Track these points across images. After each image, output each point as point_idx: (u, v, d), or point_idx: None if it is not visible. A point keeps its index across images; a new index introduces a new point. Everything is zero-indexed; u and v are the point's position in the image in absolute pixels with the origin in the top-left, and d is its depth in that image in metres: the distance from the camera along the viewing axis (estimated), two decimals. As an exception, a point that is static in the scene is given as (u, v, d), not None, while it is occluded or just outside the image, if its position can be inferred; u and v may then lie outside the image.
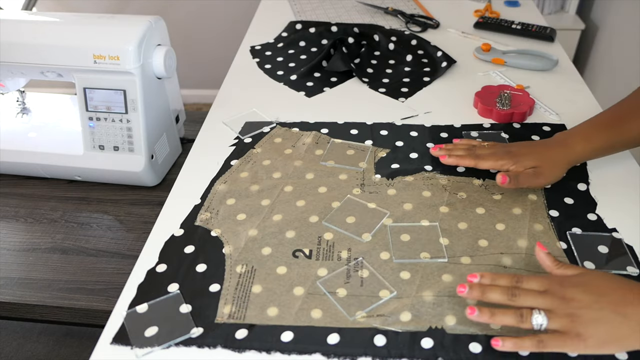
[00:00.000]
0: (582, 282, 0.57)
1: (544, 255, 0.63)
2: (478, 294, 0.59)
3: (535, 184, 0.76)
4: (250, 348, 0.60)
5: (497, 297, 0.58)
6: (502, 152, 0.79)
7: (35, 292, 0.85)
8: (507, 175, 0.75)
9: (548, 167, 0.76)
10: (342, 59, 1.10)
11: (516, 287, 0.58)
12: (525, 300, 0.57)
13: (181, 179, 0.85)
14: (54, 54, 0.94)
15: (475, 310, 0.57)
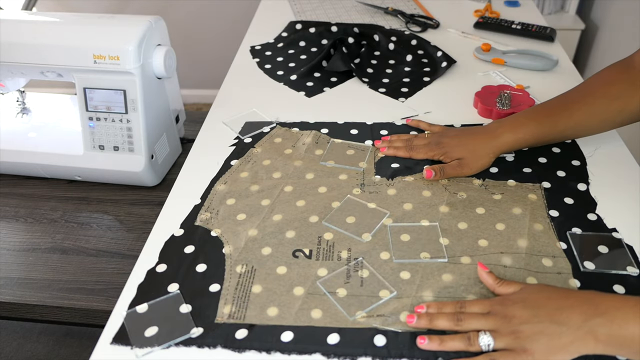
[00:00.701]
0: (521, 298, 0.59)
1: (485, 275, 0.64)
2: (426, 322, 0.60)
3: (462, 174, 0.80)
4: (250, 348, 0.60)
5: (444, 324, 0.59)
6: (433, 143, 0.83)
7: (35, 292, 0.85)
8: (432, 170, 0.80)
9: (473, 159, 0.80)
10: (342, 59, 1.10)
11: (461, 312, 0.60)
12: (470, 323, 0.58)
13: (181, 179, 0.85)
14: (54, 54, 0.94)
15: (425, 339, 0.58)
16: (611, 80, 0.80)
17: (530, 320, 0.56)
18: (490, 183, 0.80)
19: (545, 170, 0.82)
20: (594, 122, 0.80)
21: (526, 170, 0.82)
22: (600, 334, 0.54)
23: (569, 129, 0.81)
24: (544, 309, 0.57)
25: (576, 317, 0.55)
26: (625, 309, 0.54)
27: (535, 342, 0.55)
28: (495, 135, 0.81)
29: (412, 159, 0.85)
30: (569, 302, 0.56)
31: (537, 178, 0.81)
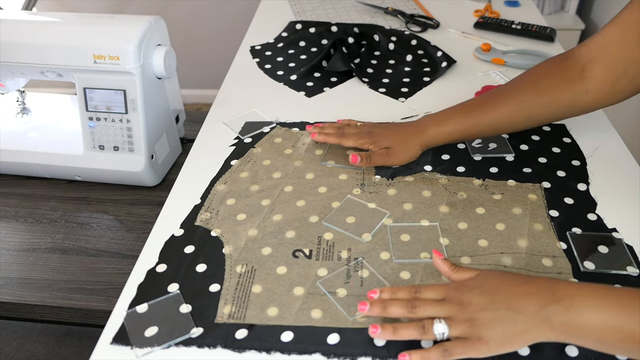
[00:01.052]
0: (478, 284, 0.57)
1: (440, 261, 0.63)
2: (379, 310, 0.59)
3: (388, 163, 0.82)
4: (250, 348, 0.60)
5: (398, 311, 0.58)
6: (364, 132, 0.84)
7: (35, 292, 0.85)
8: (359, 155, 0.81)
9: (401, 149, 0.82)
10: (342, 59, 1.10)
11: (415, 298, 0.58)
12: (425, 310, 0.57)
13: (181, 179, 0.85)
14: (54, 54, 0.94)
15: (377, 327, 0.57)
16: (542, 73, 0.79)
17: (486, 307, 0.54)
18: (490, 183, 0.80)
19: (545, 170, 0.82)
20: (521, 117, 0.79)
21: (526, 170, 0.82)
22: (556, 322, 0.53)
23: (495, 123, 0.80)
24: (501, 295, 0.55)
25: (533, 305, 0.53)
26: (582, 297, 0.53)
27: (490, 330, 0.53)
28: (423, 128, 0.82)
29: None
30: (526, 289, 0.55)
31: (537, 178, 0.81)
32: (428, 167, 0.83)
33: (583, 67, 0.75)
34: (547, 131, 0.91)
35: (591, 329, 0.51)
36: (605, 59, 0.73)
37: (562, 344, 0.58)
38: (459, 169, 0.83)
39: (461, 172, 0.82)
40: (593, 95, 0.75)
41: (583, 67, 0.75)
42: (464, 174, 0.82)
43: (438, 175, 0.82)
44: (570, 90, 0.76)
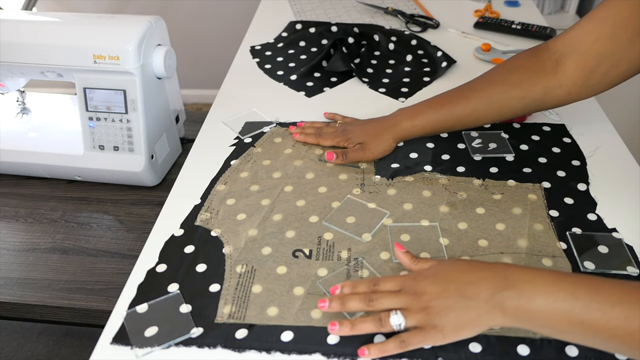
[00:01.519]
0: (432, 273, 0.57)
1: (401, 254, 0.64)
2: (338, 305, 0.59)
3: (363, 158, 0.83)
4: (250, 348, 0.60)
5: (356, 305, 0.58)
6: (339, 130, 0.87)
7: (35, 292, 0.85)
8: (334, 153, 0.84)
9: (374, 143, 0.83)
10: (342, 59, 1.10)
11: (374, 291, 0.59)
12: (382, 303, 0.57)
13: (181, 179, 0.85)
14: (54, 54, 0.94)
15: (335, 324, 0.58)
16: (514, 67, 0.79)
17: (440, 295, 0.55)
18: (490, 183, 0.80)
19: (545, 170, 0.82)
20: (492, 110, 0.79)
21: (526, 170, 0.82)
22: (507, 306, 0.53)
23: (466, 116, 0.80)
24: (454, 283, 0.55)
25: (485, 291, 0.54)
26: (534, 283, 0.52)
27: (444, 317, 0.54)
28: (395, 122, 0.83)
29: (410, 163, 0.85)
30: (479, 275, 0.55)
31: (537, 178, 0.81)
32: (428, 167, 0.83)
33: (557, 61, 0.75)
34: (547, 131, 0.91)
35: (542, 314, 0.51)
36: (579, 53, 0.72)
37: (563, 343, 0.58)
38: (459, 169, 0.83)
39: (461, 172, 0.82)
40: (566, 89, 0.75)
41: (557, 60, 0.75)
42: (464, 174, 0.82)
43: (438, 175, 0.82)
44: (544, 84, 0.76)
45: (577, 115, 0.95)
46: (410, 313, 0.56)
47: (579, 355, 0.58)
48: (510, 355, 0.58)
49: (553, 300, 0.51)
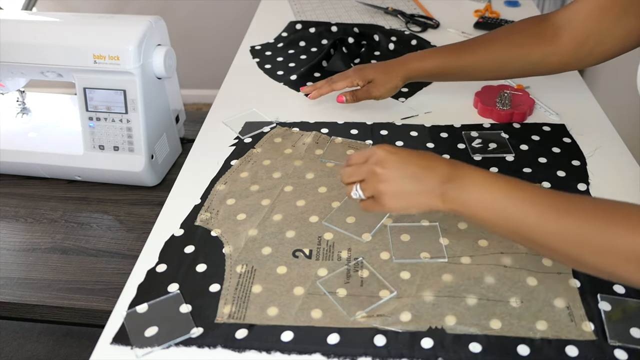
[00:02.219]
0: (395, 151, 0.62)
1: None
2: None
3: (372, 95, 0.89)
4: (250, 348, 0.60)
5: (344, 179, 0.65)
6: (350, 71, 0.91)
7: (35, 292, 0.85)
8: (343, 95, 0.90)
9: (383, 80, 0.88)
10: (342, 59, 1.10)
11: (349, 165, 0.65)
12: (350, 177, 0.64)
13: (181, 179, 0.85)
14: (54, 54, 0.94)
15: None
16: (519, 29, 0.85)
17: (397, 174, 0.60)
18: (490, 183, 0.80)
19: (545, 170, 0.82)
20: (494, 65, 0.85)
21: (526, 170, 0.82)
22: (447, 196, 0.59)
23: (470, 66, 0.86)
24: (411, 165, 0.60)
25: (435, 179, 0.59)
26: (473, 177, 0.58)
27: (396, 194, 0.61)
28: (405, 62, 0.89)
29: None
30: (434, 164, 0.61)
31: (537, 178, 0.81)
32: (428, 167, 0.83)
33: (555, 31, 0.81)
34: (547, 131, 0.91)
35: (476, 207, 0.58)
36: (572, 27, 0.79)
37: (562, 343, 0.58)
38: (459, 169, 0.83)
39: (461, 172, 0.82)
40: (559, 57, 0.82)
41: (555, 31, 0.81)
42: (464, 174, 0.82)
43: (438, 175, 0.82)
44: (541, 50, 0.82)
45: (577, 115, 0.95)
46: (369, 185, 0.62)
47: (579, 355, 0.58)
48: (510, 355, 0.58)
49: (487, 195, 0.57)
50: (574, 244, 0.53)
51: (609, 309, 0.62)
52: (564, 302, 0.63)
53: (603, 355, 0.57)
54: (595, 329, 0.60)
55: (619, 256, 0.51)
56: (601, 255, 0.52)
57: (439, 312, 0.62)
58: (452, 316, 0.62)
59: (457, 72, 0.88)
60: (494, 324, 0.61)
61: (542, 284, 0.65)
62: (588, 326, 0.60)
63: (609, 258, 0.52)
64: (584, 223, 0.53)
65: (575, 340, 0.59)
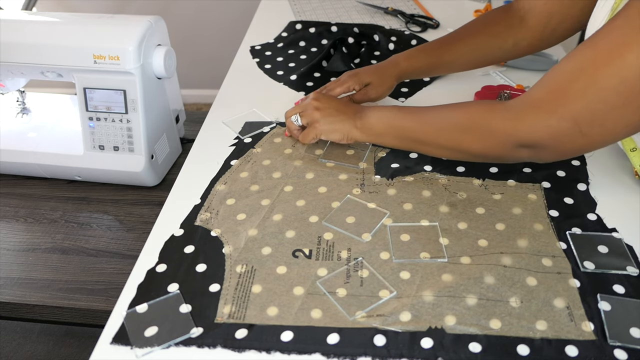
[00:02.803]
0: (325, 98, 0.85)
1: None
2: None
3: (370, 98, 0.94)
4: (250, 348, 0.60)
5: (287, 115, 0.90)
6: (345, 77, 0.94)
7: (35, 292, 0.85)
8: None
9: (379, 82, 0.93)
10: (342, 59, 1.10)
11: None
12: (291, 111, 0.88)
13: (181, 179, 0.85)
14: (54, 54, 0.94)
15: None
16: (494, 20, 0.91)
17: (325, 106, 0.84)
18: (490, 183, 0.80)
19: (545, 170, 0.82)
20: (476, 56, 0.92)
21: (526, 170, 0.82)
22: (358, 124, 0.81)
23: (454, 60, 0.93)
24: (334, 102, 0.84)
25: (349, 112, 0.82)
26: (374, 110, 0.81)
27: (323, 121, 0.83)
28: (395, 63, 0.94)
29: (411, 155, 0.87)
30: (350, 106, 0.84)
31: (537, 178, 0.81)
32: (428, 167, 0.83)
33: (521, 17, 0.88)
34: (547, 131, 0.91)
35: (377, 127, 0.80)
36: (535, 11, 0.87)
37: (562, 343, 0.58)
38: (459, 169, 0.83)
39: (461, 172, 0.82)
40: (528, 41, 0.89)
41: (521, 17, 0.88)
42: (463, 173, 0.82)
43: (438, 175, 0.82)
44: (514, 36, 0.89)
45: (577, 115, 0.94)
46: (306, 114, 0.84)
47: (579, 355, 0.58)
48: (510, 355, 0.58)
49: (384, 119, 0.80)
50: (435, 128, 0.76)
51: (608, 309, 0.62)
52: (563, 302, 0.63)
53: (603, 355, 0.58)
54: (595, 329, 0.60)
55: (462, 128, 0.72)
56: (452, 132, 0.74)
57: (439, 312, 0.62)
58: (452, 316, 0.62)
59: (443, 66, 0.95)
60: (494, 323, 0.61)
61: (541, 283, 0.65)
62: (588, 326, 0.60)
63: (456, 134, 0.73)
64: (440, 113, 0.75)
65: (575, 340, 0.59)
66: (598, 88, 0.61)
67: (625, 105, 0.60)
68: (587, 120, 0.63)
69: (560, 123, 0.64)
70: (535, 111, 0.65)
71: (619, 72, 0.60)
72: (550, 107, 0.64)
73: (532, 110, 0.66)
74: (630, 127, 0.63)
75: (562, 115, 0.63)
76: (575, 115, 0.63)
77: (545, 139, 0.66)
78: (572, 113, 0.63)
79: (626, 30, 0.60)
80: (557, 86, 0.65)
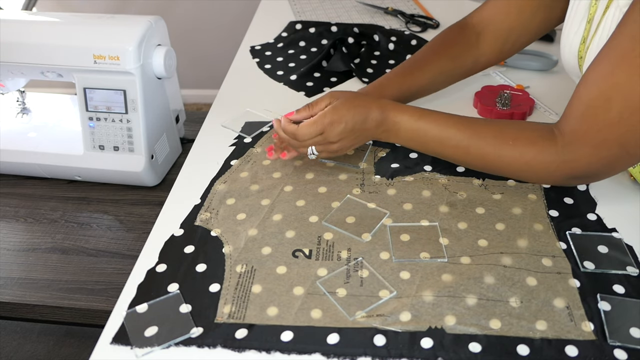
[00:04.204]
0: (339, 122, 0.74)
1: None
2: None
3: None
4: (250, 348, 0.60)
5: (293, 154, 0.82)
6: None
7: (35, 292, 0.85)
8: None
9: None
10: (342, 59, 1.10)
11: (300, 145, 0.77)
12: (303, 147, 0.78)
13: (181, 179, 0.85)
14: (54, 54, 0.94)
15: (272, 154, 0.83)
16: (451, 41, 0.91)
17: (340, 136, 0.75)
18: (490, 183, 0.80)
19: (545, 170, 0.82)
20: (442, 78, 0.92)
21: (526, 170, 0.82)
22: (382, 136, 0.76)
23: (424, 86, 0.92)
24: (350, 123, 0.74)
25: (370, 130, 0.75)
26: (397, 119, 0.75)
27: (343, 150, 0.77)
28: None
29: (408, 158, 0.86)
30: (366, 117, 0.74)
31: (537, 178, 0.81)
32: (428, 167, 0.83)
33: (478, 35, 0.89)
34: (547, 131, 0.91)
35: (404, 140, 0.76)
36: (493, 28, 0.88)
37: (562, 343, 0.58)
38: (459, 169, 0.83)
39: (461, 172, 0.82)
40: (487, 57, 0.91)
41: (478, 34, 0.89)
42: (463, 173, 0.82)
43: (438, 175, 0.82)
44: (473, 56, 0.90)
45: (577, 115, 0.94)
46: (322, 149, 0.77)
47: (579, 355, 0.58)
48: (510, 355, 0.58)
49: (408, 129, 0.75)
50: (475, 157, 0.73)
51: (608, 309, 0.62)
52: (563, 302, 0.63)
53: (603, 355, 0.58)
54: (595, 329, 0.60)
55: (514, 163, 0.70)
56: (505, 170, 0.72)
57: (439, 312, 0.62)
58: (451, 316, 0.62)
59: (414, 94, 0.92)
60: (494, 323, 0.61)
61: (541, 284, 0.65)
62: (588, 326, 0.60)
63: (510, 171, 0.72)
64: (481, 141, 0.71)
65: (575, 340, 0.59)
66: (632, 112, 0.62)
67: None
68: (632, 143, 0.64)
69: (610, 152, 0.65)
70: (587, 148, 0.66)
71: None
72: (597, 141, 0.65)
73: (583, 148, 0.66)
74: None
75: (610, 145, 0.64)
76: (621, 142, 0.64)
77: (600, 169, 0.68)
78: (618, 141, 0.64)
79: (635, 48, 0.59)
80: (595, 118, 0.65)
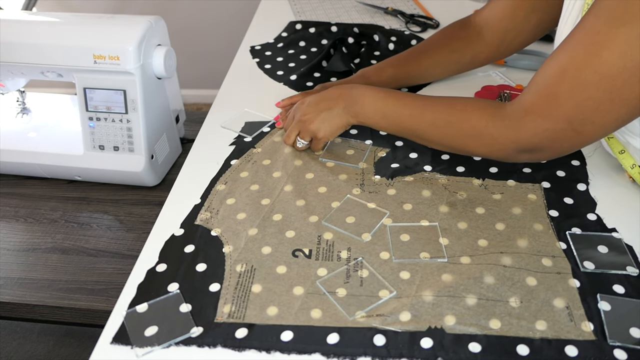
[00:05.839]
0: (307, 102, 0.84)
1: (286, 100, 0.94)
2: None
3: None
4: (250, 347, 0.60)
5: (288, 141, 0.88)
6: (318, 87, 0.96)
7: (35, 292, 0.85)
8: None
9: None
10: (342, 59, 1.10)
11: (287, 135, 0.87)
12: (290, 137, 0.87)
13: (181, 178, 0.85)
14: (54, 54, 0.94)
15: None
16: (452, 35, 0.96)
17: (315, 115, 0.83)
18: (490, 183, 0.80)
19: (545, 170, 0.82)
20: (438, 70, 0.98)
21: (526, 170, 0.82)
22: (352, 112, 0.81)
23: (420, 74, 0.98)
24: (321, 102, 0.83)
25: (340, 105, 0.82)
26: (365, 96, 0.80)
27: (322, 128, 0.83)
28: (365, 76, 0.98)
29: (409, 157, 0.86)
30: (335, 95, 0.82)
31: (537, 178, 0.81)
32: (428, 167, 0.83)
33: (478, 32, 0.93)
34: (547, 131, 0.91)
35: (368, 114, 0.80)
36: (491, 28, 0.92)
37: (562, 343, 0.59)
38: (459, 169, 0.83)
39: (461, 172, 0.82)
40: (485, 54, 0.95)
41: (478, 32, 0.93)
42: (463, 173, 0.82)
43: (438, 175, 0.82)
44: (472, 51, 0.95)
45: (576, 115, 0.94)
46: (304, 134, 0.84)
47: (579, 355, 0.58)
48: (510, 355, 0.58)
49: (380, 111, 0.79)
50: (437, 131, 0.76)
51: (608, 309, 0.62)
52: (563, 302, 0.63)
53: (602, 355, 0.58)
54: (595, 329, 0.60)
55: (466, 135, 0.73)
56: (455, 137, 0.75)
57: (439, 312, 0.62)
58: (451, 316, 0.62)
59: (408, 80, 0.99)
60: (494, 323, 0.61)
61: (541, 284, 0.65)
62: (587, 326, 0.60)
63: (460, 139, 0.74)
64: (439, 115, 0.75)
65: (575, 340, 0.59)
66: (583, 87, 0.62)
67: (612, 100, 0.62)
68: (579, 119, 0.64)
69: (556, 125, 0.65)
70: (532, 117, 0.67)
71: (598, 70, 0.61)
72: (544, 111, 0.66)
73: (529, 117, 0.67)
74: (620, 120, 0.64)
75: (557, 118, 0.65)
76: (567, 116, 0.64)
77: (544, 142, 0.67)
78: (565, 114, 0.64)
79: (597, 28, 0.61)
80: (547, 90, 0.66)
